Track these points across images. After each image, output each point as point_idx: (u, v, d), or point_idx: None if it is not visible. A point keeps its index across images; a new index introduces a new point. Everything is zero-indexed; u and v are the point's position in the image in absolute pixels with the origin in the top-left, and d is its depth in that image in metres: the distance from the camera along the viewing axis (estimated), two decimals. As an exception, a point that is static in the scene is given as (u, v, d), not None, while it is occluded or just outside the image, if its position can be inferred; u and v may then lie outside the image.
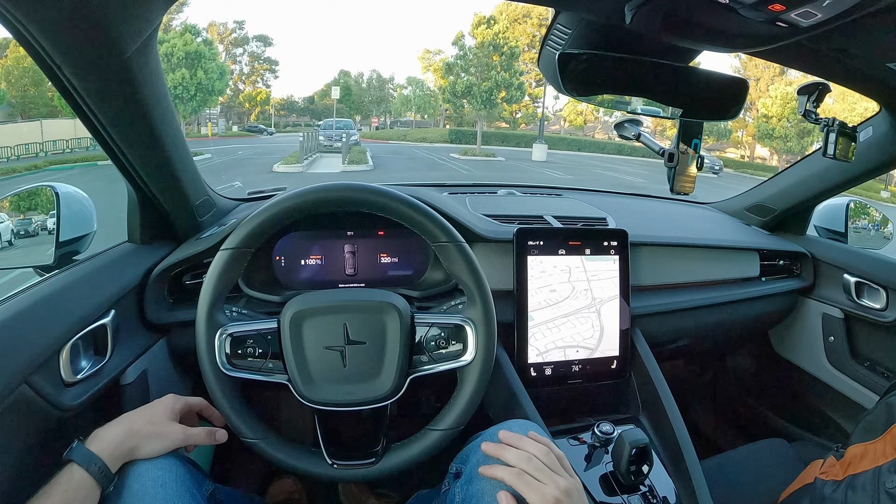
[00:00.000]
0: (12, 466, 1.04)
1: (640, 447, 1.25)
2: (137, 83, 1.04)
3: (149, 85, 1.07)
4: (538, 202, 2.05)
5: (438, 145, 38.93)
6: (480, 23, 33.35)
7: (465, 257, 1.22)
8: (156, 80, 1.10)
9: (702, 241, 1.92)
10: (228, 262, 1.17)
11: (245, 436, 1.18)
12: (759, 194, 2.29)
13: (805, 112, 1.50)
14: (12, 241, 1.42)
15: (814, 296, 2.17)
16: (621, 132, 1.60)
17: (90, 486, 0.97)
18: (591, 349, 1.61)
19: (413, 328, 1.23)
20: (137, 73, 1.02)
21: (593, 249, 1.62)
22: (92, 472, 0.97)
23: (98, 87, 1.01)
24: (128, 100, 1.07)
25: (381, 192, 1.19)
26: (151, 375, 1.39)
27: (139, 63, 1.00)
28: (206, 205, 1.62)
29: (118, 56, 0.94)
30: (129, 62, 0.97)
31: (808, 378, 2.21)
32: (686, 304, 1.83)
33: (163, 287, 1.48)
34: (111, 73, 0.98)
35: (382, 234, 1.63)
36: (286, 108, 68.40)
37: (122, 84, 1.02)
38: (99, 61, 0.94)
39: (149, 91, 1.08)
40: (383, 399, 1.19)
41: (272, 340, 1.19)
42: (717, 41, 1.01)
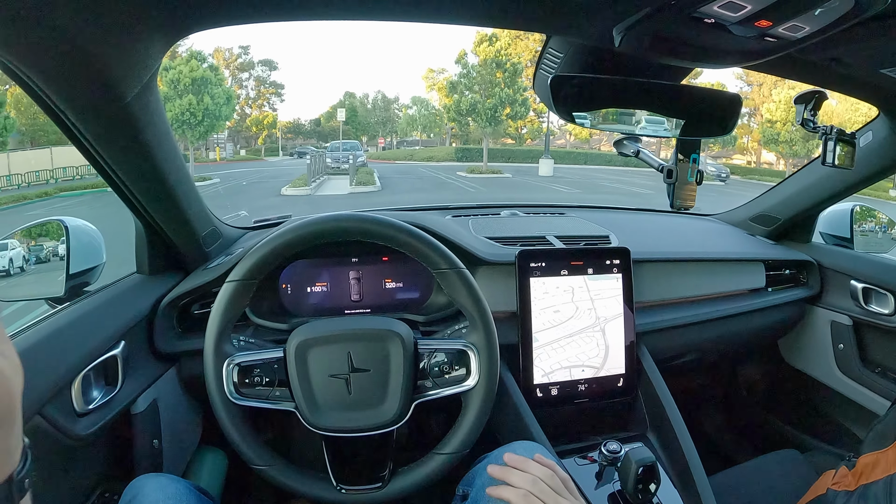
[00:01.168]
0: None
1: (647, 465, 1.24)
2: (140, 126, 1.06)
3: (151, 126, 1.10)
4: (541, 222, 2.05)
5: (445, 164, 38.95)
6: (482, 40, 33.45)
7: (465, 283, 1.23)
8: (157, 120, 1.12)
9: (706, 255, 1.92)
10: (234, 294, 1.19)
11: (253, 462, 1.20)
12: (762, 204, 2.29)
13: (803, 121, 1.49)
14: (24, 267, 1.44)
15: (822, 304, 2.16)
16: (620, 149, 1.61)
17: None
18: (596, 368, 1.61)
19: (417, 354, 1.24)
20: (139, 116, 1.04)
21: (596, 269, 1.63)
22: None
23: (101, 130, 1.04)
24: (131, 141, 1.09)
25: (380, 221, 1.20)
26: (162, 403, 1.41)
27: (140, 106, 1.02)
28: (212, 235, 1.64)
29: (119, 101, 0.96)
30: (130, 107, 0.99)
31: (819, 387, 2.20)
32: (692, 318, 1.82)
33: (172, 317, 1.50)
34: (113, 117, 1.00)
35: (387, 260, 1.64)
36: (293, 130, 68.55)
37: (124, 127, 1.04)
38: (100, 107, 0.96)
39: (151, 132, 1.11)
40: (388, 425, 1.20)
41: (279, 369, 1.21)
42: (708, 58, 1.02)
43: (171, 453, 1.45)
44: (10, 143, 21.08)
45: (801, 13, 0.79)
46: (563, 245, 1.72)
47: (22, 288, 1.44)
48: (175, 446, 1.48)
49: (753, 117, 45.24)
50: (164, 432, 1.42)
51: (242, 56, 58.10)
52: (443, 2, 0.93)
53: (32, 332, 1.16)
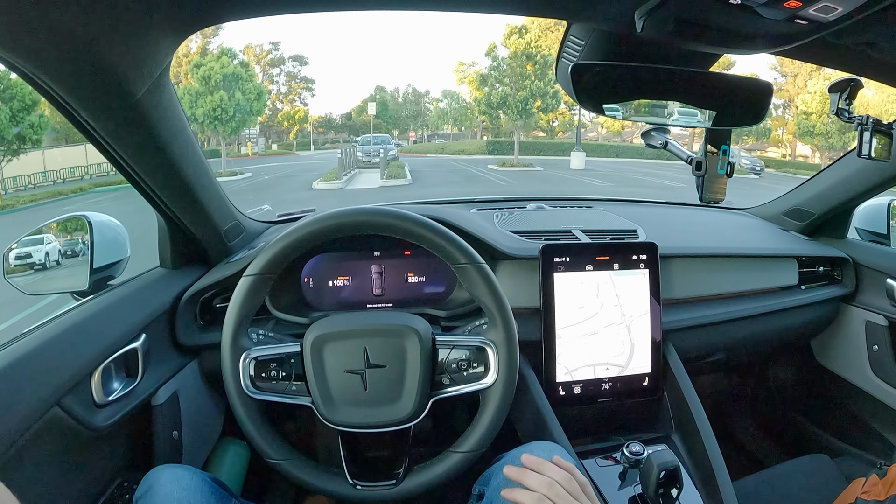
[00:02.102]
0: (47, 485, 1.07)
1: (669, 469, 1.21)
2: (152, 121, 1.07)
3: (164, 121, 1.10)
4: (567, 216, 2.02)
5: (477, 157, 38.93)
6: (512, 33, 33.31)
7: (484, 279, 1.20)
8: (171, 115, 1.12)
9: (737, 251, 1.87)
10: (251, 289, 1.18)
11: (270, 457, 1.19)
12: (796, 198, 2.22)
13: (838, 111, 1.44)
14: (60, 261, 1.47)
15: (856, 303, 2.08)
16: (648, 141, 1.57)
17: None
18: (621, 366, 1.58)
19: (434, 351, 1.22)
20: (151, 112, 1.05)
21: (622, 264, 1.59)
22: None
23: (114, 128, 1.05)
24: (144, 137, 1.10)
25: (398, 215, 1.18)
26: (182, 396, 1.43)
27: (152, 103, 1.03)
28: (235, 229, 1.65)
29: (130, 98, 0.97)
30: (141, 103, 1.00)
31: (852, 389, 2.13)
32: (721, 316, 1.77)
33: (193, 310, 1.52)
34: (124, 114, 1.01)
35: (409, 254, 1.63)
36: (324, 125, 69.01)
37: (136, 124, 1.05)
38: (111, 104, 0.97)
39: (165, 127, 1.11)
40: (404, 421, 1.19)
41: (295, 363, 1.20)
42: (735, 43, 0.98)
43: (191, 445, 1.47)
44: (45, 141, 21.49)
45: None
46: (588, 239, 1.69)
47: (49, 282, 1.47)
48: (195, 438, 1.50)
49: (788, 109, 44.66)
50: (185, 424, 1.44)
51: (273, 52, 58.58)
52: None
53: (54, 324, 1.17)
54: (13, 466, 0.96)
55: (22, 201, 18.35)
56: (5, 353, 1.05)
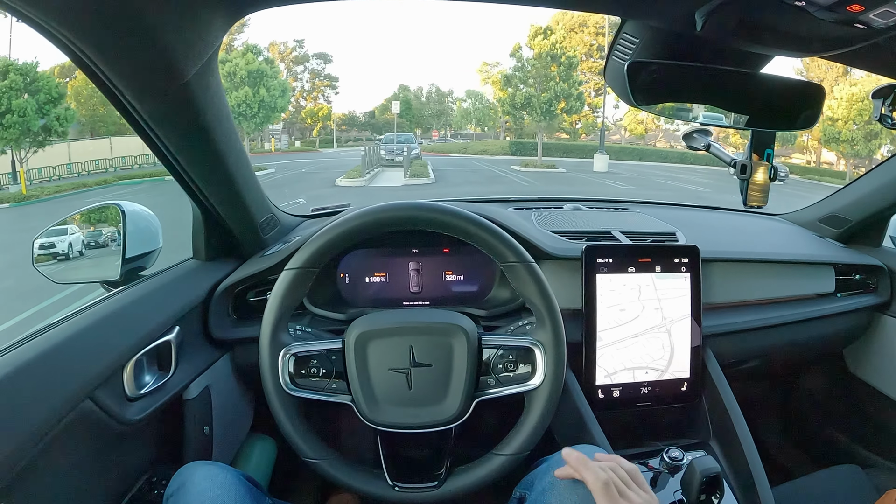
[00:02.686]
0: (76, 479, 1.06)
1: (711, 476, 1.19)
2: (199, 105, 1.05)
3: (211, 107, 1.09)
4: (605, 217, 2.01)
5: (499, 157, 38.85)
6: (537, 34, 33.19)
7: (534, 278, 1.19)
8: (218, 101, 1.11)
9: (775, 256, 1.84)
10: (293, 283, 1.17)
11: (307, 455, 1.18)
12: (832, 204, 2.19)
13: (881, 117, 1.42)
14: (83, 251, 1.48)
15: (891, 312, 2.05)
16: (690, 143, 1.55)
17: None
18: (660, 370, 1.56)
19: (480, 350, 1.20)
20: (199, 95, 1.03)
21: (664, 266, 1.58)
22: None
23: (159, 111, 1.03)
24: (190, 122, 1.08)
25: (447, 210, 1.17)
26: (214, 390, 1.42)
27: (200, 86, 1.01)
28: (270, 222, 1.63)
29: (179, 79, 0.94)
30: (189, 85, 0.98)
31: (885, 400, 2.08)
32: (758, 322, 1.75)
33: (227, 304, 1.50)
34: (172, 96, 0.99)
35: (447, 252, 1.62)
36: (347, 122, 69.11)
37: (183, 107, 1.03)
38: (159, 85, 0.95)
39: (211, 113, 1.10)
40: (448, 422, 1.17)
41: (336, 360, 1.19)
42: (791, 45, 0.97)
43: (222, 440, 1.46)
44: (71, 133, 21.71)
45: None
46: (629, 241, 1.68)
47: (79, 271, 1.47)
48: (225, 434, 1.49)
49: (814, 115, 44.19)
50: (216, 419, 1.43)
51: (297, 49, 58.77)
52: None
53: (85, 315, 1.16)
54: (43, 459, 0.96)
55: (47, 192, 18.57)
56: (37, 342, 1.04)
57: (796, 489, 1.72)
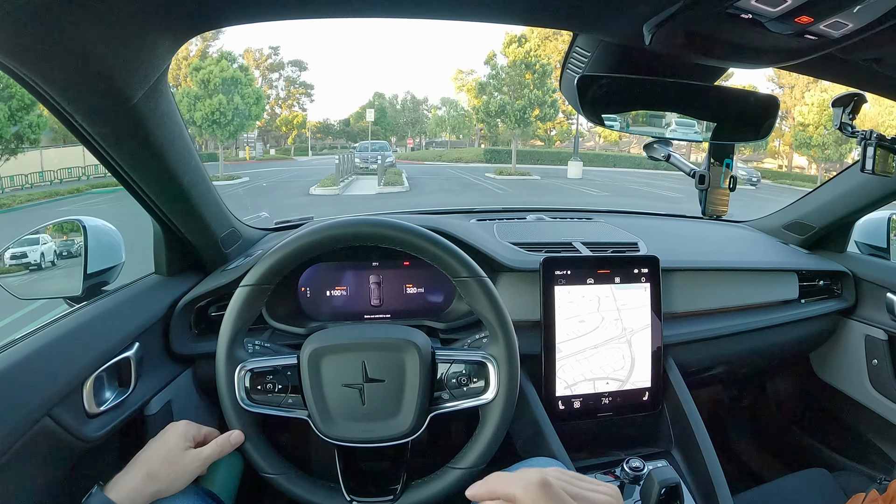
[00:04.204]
0: (36, 498, 1.03)
1: (670, 486, 1.19)
2: (149, 127, 1.04)
3: (161, 127, 1.07)
4: (567, 227, 2.01)
5: (474, 165, 39.03)
6: (512, 41, 33.40)
7: (486, 293, 1.18)
8: (168, 121, 1.10)
9: (738, 265, 1.85)
10: (247, 300, 1.17)
11: (265, 471, 1.18)
12: (796, 211, 2.21)
13: (841, 125, 1.43)
14: (55, 261, 1.45)
15: (856, 317, 2.07)
16: (650, 153, 1.56)
17: None
18: (621, 381, 1.56)
19: (434, 365, 1.20)
20: (148, 117, 1.02)
21: (623, 277, 1.57)
22: None
23: (110, 133, 1.02)
24: (141, 143, 1.07)
25: (398, 227, 1.17)
26: (176, 406, 1.39)
27: (148, 108, 1.00)
28: (231, 236, 1.62)
29: (126, 103, 0.93)
30: (137, 108, 0.97)
31: (851, 403, 2.12)
32: (722, 330, 1.76)
33: (188, 319, 1.48)
34: (120, 119, 0.98)
35: (408, 265, 1.61)
36: (322, 130, 69.11)
37: (132, 129, 1.02)
38: (107, 109, 0.94)
39: (162, 133, 1.08)
40: (402, 437, 1.17)
41: (292, 376, 1.18)
42: (743, 57, 0.97)
43: None
44: (43, 141, 21.51)
45: (844, 9, 0.73)
46: (589, 252, 1.68)
47: (45, 284, 1.44)
48: None
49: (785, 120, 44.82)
50: None
51: (272, 56, 58.80)
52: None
53: (45, 332, 1.14)
54: (1, 477, 0.94)
55: (18, 201, 18.28)
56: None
57: (763, 494, 1.73)
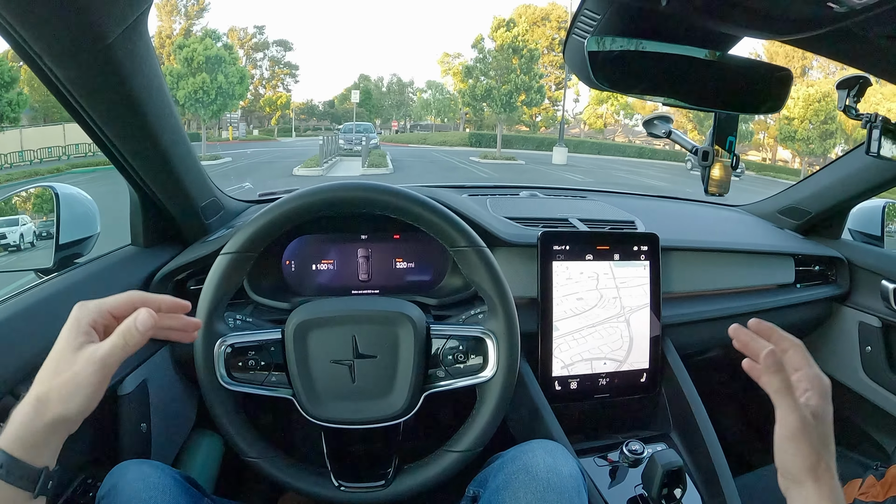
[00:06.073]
0: None
1: (673, 470, 1.16)
2: (124, 73, 0.96)
3: (139, 76, 1.00)
4: (562, 204, 1.98)
5: (458, 149, 39.07)
6: (500, 26, 33.36)
7: (485, 263, 1.13)
8: (147, 70, 1.02)
9: (736, 246, 1.84)
10: (229, 268, 1.10)
11: (246, 454, 1.12)
12: (792, 196, 2.20)
13: (845, 108, 1.41)
14: (34, 242, 1.40)
15: (850, 303, 2.07)
16: (651, 130, 1.53)
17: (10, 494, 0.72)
18: (619, 361, 1.53)
19: (429, 340, 1.15)
20: (124, 61, 0.94)
21: (623, 255, 1.54)
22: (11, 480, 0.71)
23: (81, 77, 0.94)
24: (116, 91, 0.99)
25: (394, 192, 1.11)
26: (152, 385, 1.33)
27: (125, 50, 0.92)
28: (213, 206, 1.55)
29: (99, 42, 0.86)
30: (112, 49, 0.89)
31: (844, 390, 2.11)
32: (719, 312, 1.74)
33: (166, 292, 1.40)
34: (94, 61, 0.90)
35: (398, 238, 1.56)
36: (306, 112, 68.90)
37: (106, 73, 0.94)
38: (79, 48, 0.86)
39: (139, 82, 1.01)
40: (395, 417, 1.12)
41: (276, 352, 1.13)
42: (759, 25, 0.93)
43: (161, 438, 1.37)
44: (23, 120, 21.28)
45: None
46: (587, 228, 1.64)
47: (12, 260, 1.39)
48: (165, 431, 1.40)
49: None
50: (154, 416, 1.34)
51: (257, 36, 58.57)
52: None
53: (9, 304, 1.08)
54: None
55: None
56: None
57: (758, 479, 1.72)
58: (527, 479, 1.00)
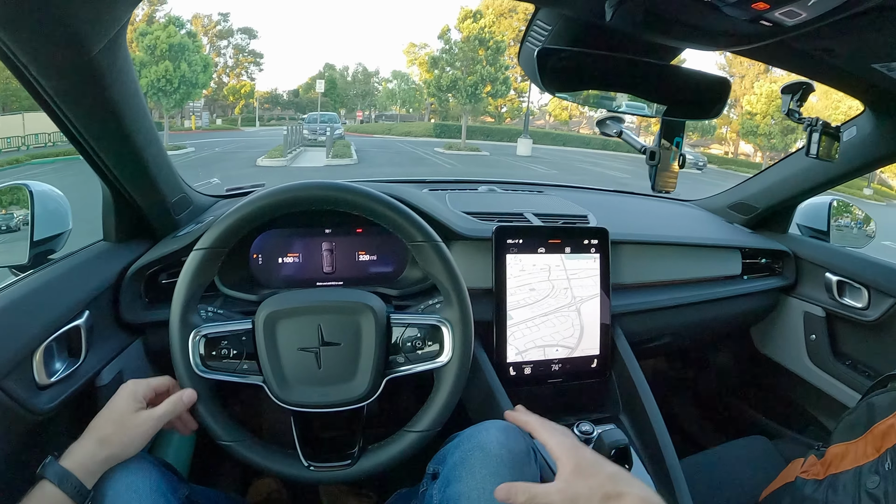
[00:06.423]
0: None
1: (619, 448, 1.24)
2: (106, 82, 1.01)
3: (118, 84, 1.05)
4: (519, 199, 2.04)
5: (423, 139, 38.90)
6: (466, 17, 33.25)
7: (441, 257, 1.19)
8: (125, 78, 1.07)
9: (684, 240, 1.91)
10: (202, 263, 1.15)
11: (220, 438, 1.16)
12: (741, 192, 2.29)
13: (789, 111, 1.49)
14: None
15: (796, 294, 2.16)
16: (603, 129, 1.59)
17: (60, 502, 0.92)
18: (571, 348, 1.60)
19: (389, 329, 1.21)
20: (106, 72, 0.99)
21: (573, 248, 1.61)
22: (66, 489, 0.92)
23: (65, 87, 0.99)
24: (96, 99, 1.04)
25: (355, 190, 1.17)
26: (128, 376, 1.33)
27: (107, 62, 0.98)
28: (182, 202, 1.59)
29: (84, 55, 0.91)
30: (96, 61, 0.94)
31: (790, 376, 2.21)
32: (667, 302, 1.82)
33: (138, 286, 1.45)
34: (78, 72, 0.95)
35: (361, 232, 1.61)
36: (270, 101, 68.10)
37: (89, 83, 0.99)
38: (65, 61, 0.92)
39: (118, 90, 1.06)
40: (359, 400, 1.17)
41: (247, 341, 1.17)
42: (699, 39, 1.00)
43: None
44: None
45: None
46: (540, 223, 1.70)
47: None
48: None
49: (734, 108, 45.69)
50: None
51: (222, 23, 57.54)
52: None
53: None
54: None
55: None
56: None
57: (706, 459, 1.79)
58: (481, 456, 1.05)
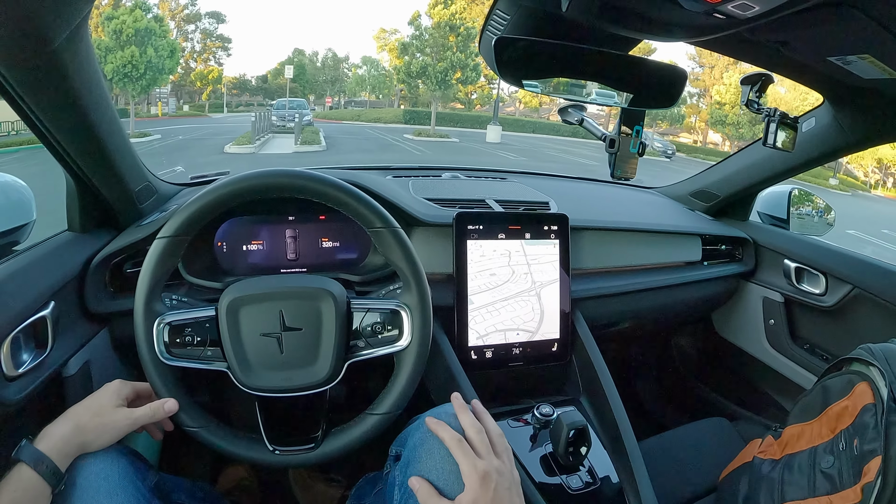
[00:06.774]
0: None
1: (577, 428, 1.28)
2: (68, 73, 1.02)
3: (80, 74, 1.05)
4: (481, 186, 2.06)
5: (393, 126, 38.72)
6: (437, 3, 33.21)
7: (399, 243, 1.21)
8: (87, 68, 1.08)
9: (645, 226, 1.95)
10: (165, 251, 1.14)
11: (186, 424, 1.17)
12: (703, 180, 2.34)
13: (748, 101, 1.52)
14: None
15: (755, 280, 2.22)
16: (565, 117, 1.61)
17: (40, 486, 0.94)
18: (531, 332, 1.63)
19: (350, 314, 1.22)
20: (67, 63, 1.00)
21: (533, 233, 1.63)
22: (41, 471, 0.94)
23: (27, 78, 0.99)
24: (58, 90, 1.04)
25: (315, 178, 1.18)
26: (94, 366, 1.37)
27: (69, 53, 0.98)
28: (146, 191, 1.59)
29: (46, 46, 0.91)
30: (57, 53, 0.95)
31: (749, 359, 2.27)
32: (628, 287, 1.85)
33: (103, 276, 1.45)
34: (39, 63, 0.96)
35: (324, 219, 1.62)
36: (239, 87, 67.34)
37: (51, 74, 1.00)
38: (26, 52, 0.92)
39: (80, 80, 1.06)
40: (321, 385, 1.19)
41: (210, 328, 1.18)
42: (656, 31, 1.01)
43: None
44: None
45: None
46: (502, 209, 1.72)
47: None
48: None
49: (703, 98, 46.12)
50: None
51: (189, 7, 56.69)
52: None
53: None
54: None
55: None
56: None
57: (667, 440, 1.84)
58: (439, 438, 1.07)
